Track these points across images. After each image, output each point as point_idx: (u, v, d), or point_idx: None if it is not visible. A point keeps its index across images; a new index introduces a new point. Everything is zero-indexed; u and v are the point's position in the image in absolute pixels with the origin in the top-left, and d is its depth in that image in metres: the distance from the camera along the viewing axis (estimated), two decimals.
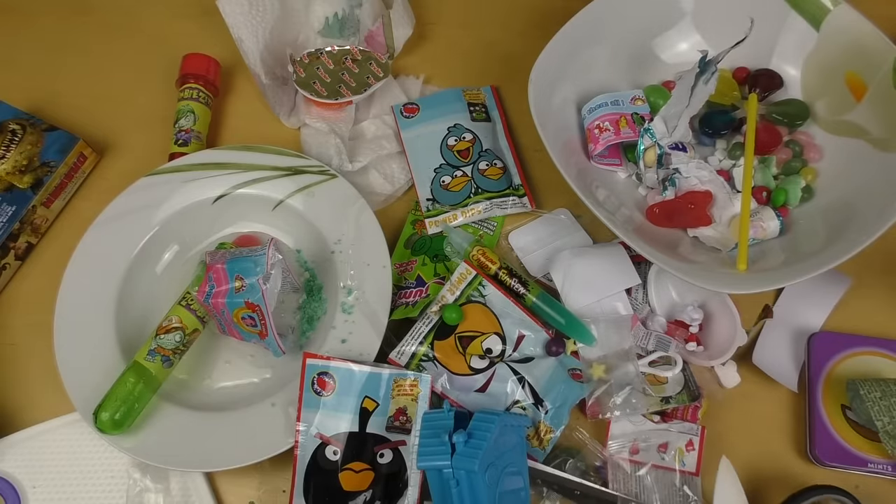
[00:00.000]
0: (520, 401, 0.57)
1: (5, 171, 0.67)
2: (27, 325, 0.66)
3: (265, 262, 0.57)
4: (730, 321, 0.61)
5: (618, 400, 0.57)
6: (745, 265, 0.58)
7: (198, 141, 0.71)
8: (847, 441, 0.57)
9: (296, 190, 0.66)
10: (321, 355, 0.56)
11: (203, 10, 0.79)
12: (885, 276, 0.66)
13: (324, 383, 0.56)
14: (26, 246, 0.68)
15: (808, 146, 0.67)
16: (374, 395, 0.56)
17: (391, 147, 0.72)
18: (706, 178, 0.64)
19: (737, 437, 0.59)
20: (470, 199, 0.68)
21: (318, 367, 0.56)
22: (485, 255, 0.63)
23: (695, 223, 0.63)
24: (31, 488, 0.58)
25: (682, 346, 0.60)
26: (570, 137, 0.67)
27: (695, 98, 0.62)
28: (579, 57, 0.67)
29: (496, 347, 0.59)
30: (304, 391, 0.55)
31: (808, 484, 0.55)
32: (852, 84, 0.65)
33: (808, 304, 0.64)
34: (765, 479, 0.58)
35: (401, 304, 0.62)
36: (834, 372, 0.60)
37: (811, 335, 0.62)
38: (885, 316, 0.64)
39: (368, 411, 0.55)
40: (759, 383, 0.61)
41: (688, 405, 0.58)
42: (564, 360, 0.59)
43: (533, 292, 0.61)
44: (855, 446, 0.57)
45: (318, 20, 0.75)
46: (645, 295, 0.63)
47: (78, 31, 0.81)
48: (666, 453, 0.56)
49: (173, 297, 0.62)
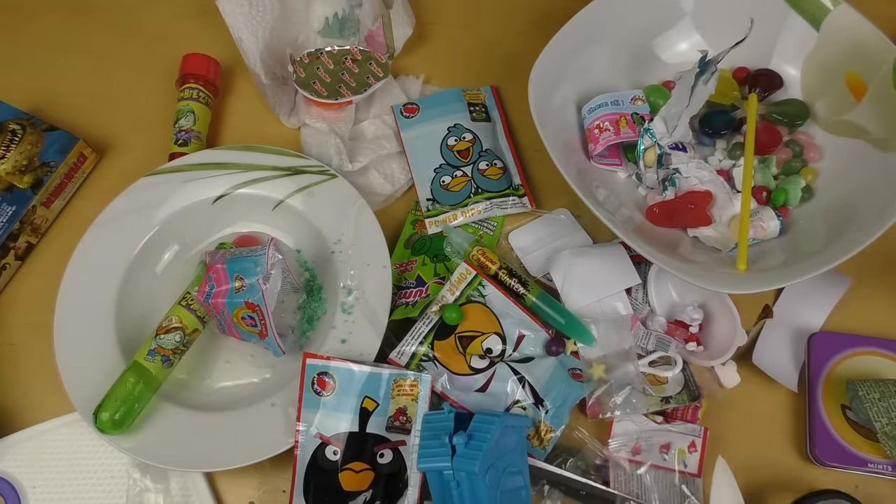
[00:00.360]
0: (520, 400, 0.57)
1: (5, 171, 0.67)
2: (27, 325, 0.66)
3: (265, 262, 0.57)
4: (730, 321, 0.61)
5: (618, 400, 0.57)
6: (745, 265, 0.58)
7: (198, 141, 0.71)
8: (847, 441, 0.57)
9: (296, 190, 0.66)
10: (321, 355, 0.56)
11: (203, 10, 0.79)
12: (885, 275, 0.66)
13: (324, 383, 0.56)
14: (26, 246, 0.68)
15: (808, 146, 0.67)
16: (374, 395, 0.56)
17: (391, 147, 0.72)
18: (706, 178, 0.64)
19: (737, 437, 0.59)
20: (470, 199, 0.68)
21: (318, 367, 0.56)
22: (485, 255, 0.63)
23: (695, 223, 0.63)
24: (31, 488, 0.58)
25: (682, 346, 0.60)
26: (570, 137, 0.67)
27: (695, 98, 0.62)
28: (579, 57, 0.67)
29: (496, 347, 0.59)
30: (304, 391, 0.55)
31: (809, 483, 0.55)
32: (852, 84, 0.65)
33: (808, 304, 0.64)
34: (765, 479, 0.58)
35: (401, 304, 0.62)
36: (834, 372, 0.60)
37: (811, 335, 0.62)
38: (885, 316, 0.64)
39: (368, 411, 0.55)
40: (759, 383, 0.61)
41: (688, 405, 0.58)
42: (564, 360, 0.59)
43: (533, 292, 0.61)
44: (855, 446, 0.57)
45: (318, 20, 0.75)
46: (645, 295, 0.63)
47: (78, 31, 0.81)
48: (668, 454, 0.56)
49: (173, 297, 0.62)
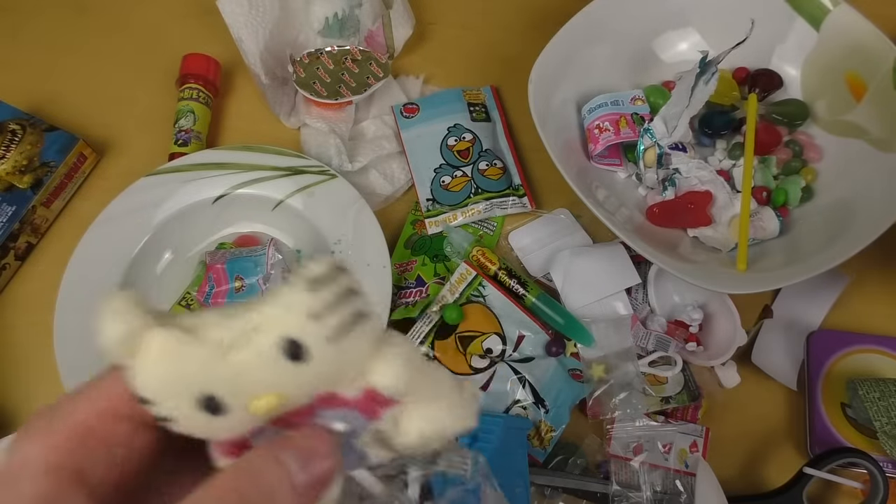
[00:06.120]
0: (520, 400, 0.57)
1: (5, 171, 0.67)
2: (27, 325, 0.65)
3: (265, 262, 0.57)
4: (730, 321, 0.61)
5: (618, 400, 0.57)
6: (745, 265, 0.58)
7: (198, 141, 0.71)
8: (847, 439, 0.57)
9: (296, 190, 0.66)
10: None
11: (203, 9, 0.79)
12: (884, 273, 0.66)
13: None
14: (26, 246, 0.68)
15: (808, 146, 0.67)
16: None
17: (391, 147, 0.72)
18: (706, 178, 0.64)
19: (737, 437, 0.59)
20: (470, 200, 0.68)
21: None
22: (484, 256, 0.63)
23: (695, 223, 0.63)
24: None
25: (681, 346, 0.60)
26: (570, 137, 0.67)
27: (695, 98, 0.62)
28: (579, 57, 0.67)
29: (496, 347, 0.59)
30: None
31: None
32: (852, 84, 0.65)
33: (807, 303, 0.64)
34: (765, 478, 0.58)
35: (401, 304, 0.62)
36: (833, 370, 0.60)
37: (810, 334, 0.62)
38: (884, 313, 0.64)
39: None
40: (759, 382, 0.61)
41: (688, 405, 0.58)
42: (564, 361, 0.59)
43: (532, 293, 0.61)
44: (855, 444, 0.57)
45: (318, 20, 0.75)
46: (645, 295, 0.63)
47: (78, 31, 0.81)
48: (669, 454, 0.56)
49: (173, 297, 0.62)
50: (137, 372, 0.19)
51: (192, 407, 0.18)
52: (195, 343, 0.18)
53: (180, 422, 0.19)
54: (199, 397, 0.18)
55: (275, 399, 0.18)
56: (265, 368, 0.18)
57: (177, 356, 0.18)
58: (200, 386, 0.18)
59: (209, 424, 0.19)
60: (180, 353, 0.18)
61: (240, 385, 0.18)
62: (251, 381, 0.18)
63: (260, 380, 0.18)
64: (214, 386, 0.18)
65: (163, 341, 0.18)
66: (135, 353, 0.19)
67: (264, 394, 0.18)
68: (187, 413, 0.19)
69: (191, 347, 0.18)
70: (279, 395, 0.18)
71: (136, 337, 0.18)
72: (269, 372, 0.18)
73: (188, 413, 0.19)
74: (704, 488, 0.53)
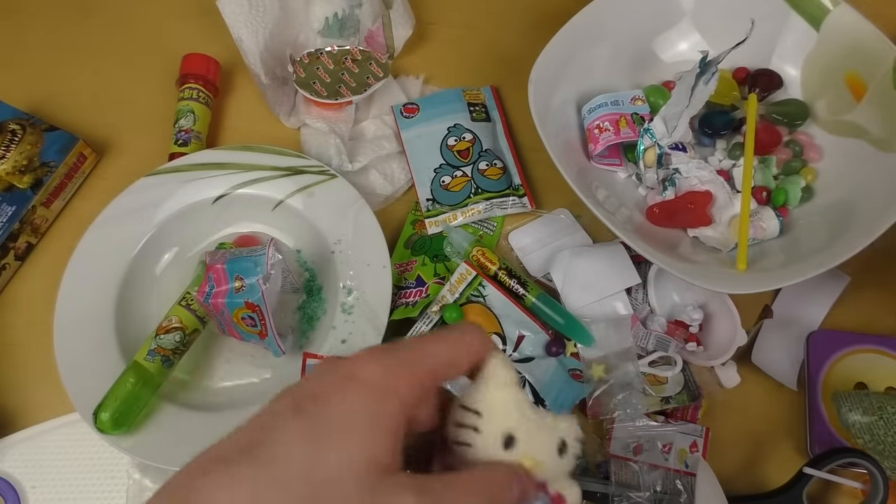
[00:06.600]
0: None
1: (5, 171, 0.67)
2: (27, 325, 0.65)
3: (265, 262, 0.57)
4: (730, 321, 0.61)
5: (618, 400, 0.57)
6: (745, 265, 0.58)
7: (198, 141, 0.71)
8: (847, 439, 0.57)
9: (296, 190, 0.66)
10: (321, 355, 0.56)
11: (203, 10, 0.79)
12: (884, 273, 0.66)
13: None
14: (26, 246, 0.68)
15: (808, 146, 0.67)
16: None
17: (391, 147, 0.72)
18: (706, 178, 0.64)
19: (737, 437, 0.59)
20: (470, 199, 0.68)
21: None
22: (484, 256, 0.63)
23: (695, 223, 0.63)
24: (31, 488, 0.58)
25: (681, 346, 0.60)
26: (570, 137, 0.67)
27: (695, 98, 0.62)
28: (579, 57, 0.67)
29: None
30: None
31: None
32: (852, 84, 0.65)
33: (807, 303, 0.64)
34: (765, 478, 0.58)
35: (401, 304, 0.62)
36: (833, 370, 0.60)
37: (810, 333, 0.62)
38: (884, 313, 0.64)
39: None
40: (759, 382, 0.61)
41: (688, 405, 0.58)
42: (564, 361, 0.59)
43: (532, 293, 0.61)
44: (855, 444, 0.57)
45: (318, 20, 0.75)
46: (645, 295, 0.63)
47: (78, 31, 0.81)
48: (669, 454, 0.56)
49: (173, 297, 0.62)
50: (485, 390, 0.29)
51: (496, 436, 0.28)
52: (526, 403, 0.29)
53: (481, 435, 0.28)
54: (505, 433, 0.28)
55: (536, 465, 0.28)
56: (547, 449, 0.29)
57: (517, 401, 0.29)
58: (514, 428, 0.28)
59: (497, 454, 0.28)
60: (518, 400, 0.29)
61: (530, 444, 0.28)
62: (536, 446, 0.29)
63: (540, 448, 0.29)
64: (519, 434, 0.28)
65: (512, 382, 0.29)
66: (483, 377, 0.29)
67: (538, 457, 0.28)
68: (490, 436, 0.28)
69: (524, 402, 0.29)
70: (540, 464, 0.29)
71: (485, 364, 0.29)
72: (547, 450, 0.29)
73: (491, 438, 0.28)
74: (704, 488, 0.53)
